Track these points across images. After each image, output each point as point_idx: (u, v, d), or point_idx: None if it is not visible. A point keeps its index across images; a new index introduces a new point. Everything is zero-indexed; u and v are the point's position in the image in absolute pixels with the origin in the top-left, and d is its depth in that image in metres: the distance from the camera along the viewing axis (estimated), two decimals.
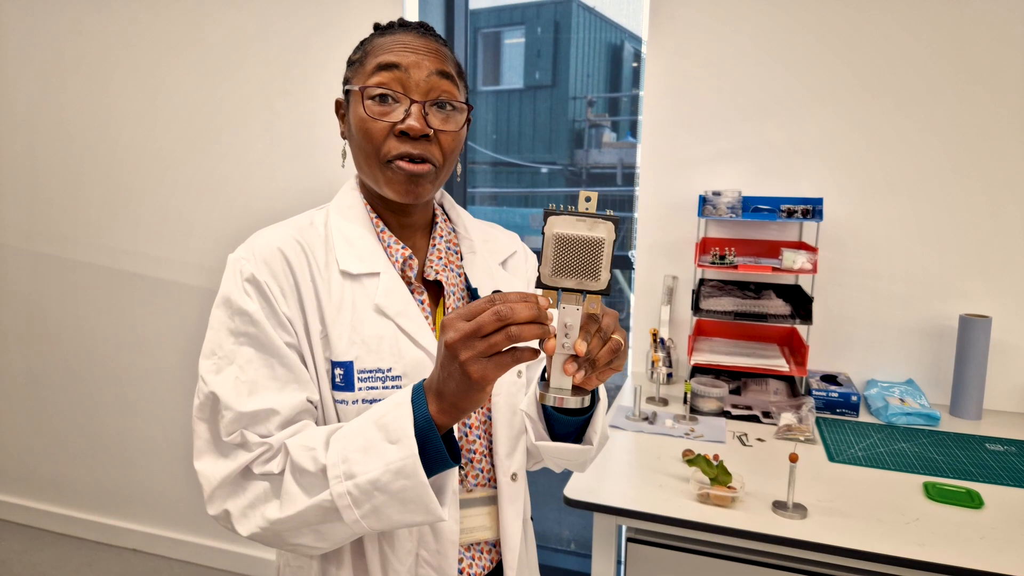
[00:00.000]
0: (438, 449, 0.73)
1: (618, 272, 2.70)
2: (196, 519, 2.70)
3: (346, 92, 0.92)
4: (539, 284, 0.68)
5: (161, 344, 2.64)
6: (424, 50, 0.87)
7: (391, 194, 0.88)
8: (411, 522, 0.75)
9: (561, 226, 0.66)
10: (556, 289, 0.68)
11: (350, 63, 0.93)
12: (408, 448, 0.71)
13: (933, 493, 1.33)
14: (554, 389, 0.72)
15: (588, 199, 0.67)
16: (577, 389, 0.73)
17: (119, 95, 2.54)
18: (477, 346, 0.65)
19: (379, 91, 0.86)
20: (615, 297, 2.79)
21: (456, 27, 2.53)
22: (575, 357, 0.69)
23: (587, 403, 0.74)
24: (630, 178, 2.75)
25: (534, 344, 0.69)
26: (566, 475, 1.32)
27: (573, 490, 1.34)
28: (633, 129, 2.89)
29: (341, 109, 0.95)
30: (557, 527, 2.74)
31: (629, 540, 1.35)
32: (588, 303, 0.68)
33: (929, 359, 1.89)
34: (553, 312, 0.68)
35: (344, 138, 0.94)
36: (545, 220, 0.67)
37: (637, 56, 2.86)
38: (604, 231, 0.66)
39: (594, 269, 0.66)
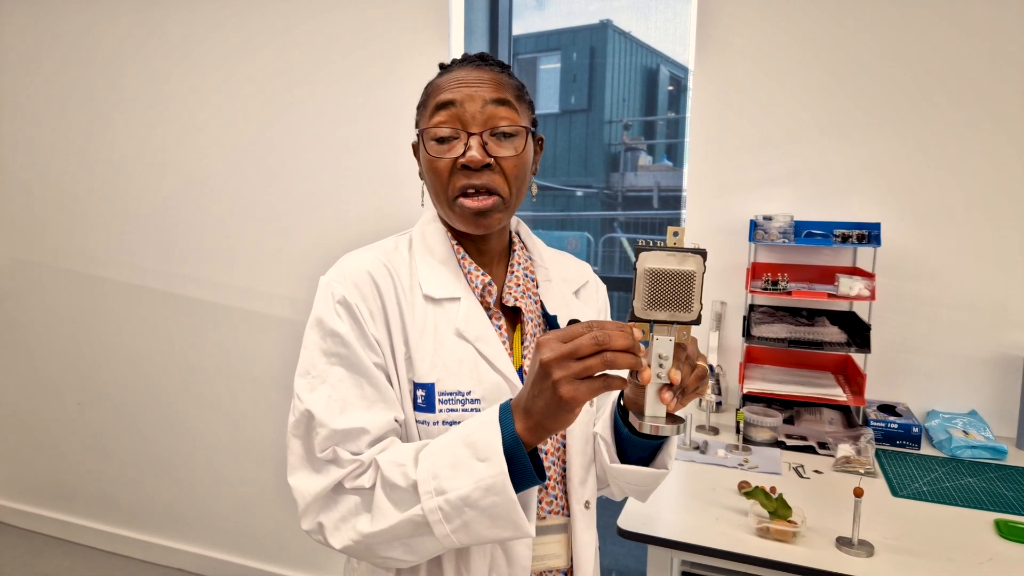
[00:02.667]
0: (525, 467, 0.75)
1: None
2: (240, 540, 2.71)
3: (417, 136, 0.94)
4: (633, 317, 0.70)
5: (210, 368, 2.68)
6: (478, 82, 0.89)
7: (462, 227, 0.91)
8: (499, 537, 0.77)
9: (652, 261, 0.69)
10: (649, 322, 0.70)
11: (418, 107, 0.96)
12: (498, 465, 0.73)
13: (1006, 531, 1.27)
14: (650, 418, 0.74)
15: (676, 233, 0.69)
16: (671, 417, 0.75)
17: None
18: (572, 367, 0.67)
19: (439, 131, 0.88)
20: None
21: (500, 53, 2.56)
22: (669, 386, 0.72)
23: (682, 431, 0.76)
24: (666, 201, 2.73)
25: (623, 374, 0.72)
26: (611, 505, 1.29)
27: (627, 521, 1.31)
28: (669, 152, 2.87)
29: (417, 152, 0.97)
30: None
31: (684, 574, 1.31)
32: (679, 332, 0.71)
33: (993, 390, 1.82)
34: (643, 344, 0.70)
35: (421, 178, 0.97)
36: (636, 256, 0.69)
37: (673, 79, 2.86)
38: (694, 264, 0.69)
39: (686, 301, 0.69)
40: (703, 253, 0.68)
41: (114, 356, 2.84)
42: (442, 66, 0.96)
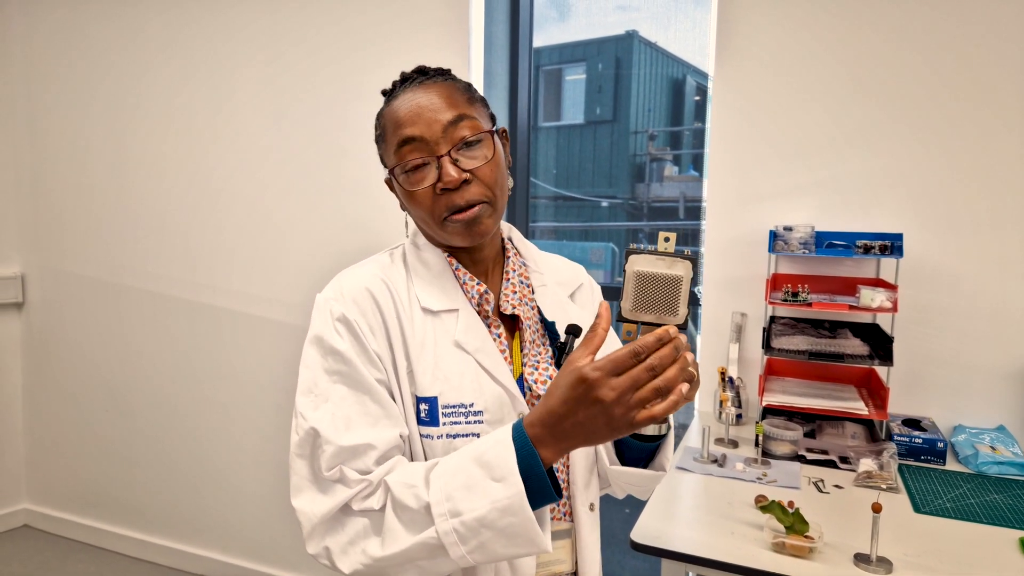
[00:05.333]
0: (542, 487, 0.74)
1: None
2: (262, 548, 2.74)
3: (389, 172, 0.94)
4: (620, 318, 0.72)
5: (233, 377, 2.73)
6: (430, 104, 0.87)
7: (458, 243, 0.91)
8: (516, 554, 0.76)
9: (642, 264, 0.71)
10: (636, 323, 0.73)
11: (376, 141, 0.95)
12: (515, 486, 0.72)
13: None
14: None
15: (667, 239, 0.72)
16: None
17: (205, 138, 2.68)
18: (631, 400, 0.68)
19: (409, 164, 0.87)
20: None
21: (520, 66, 2.57)
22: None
23: (665, 430, 0.78)
24: (692, 212, 2.72)
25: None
26: (622, 515, 1.29)
27: (640, 534, 1.30)
28: (695, 162, 2.85)
29: (391, 186, 0.96)
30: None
31: None
32: None
33: (1022, 404, 1.77)
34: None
35: (403, 209, 0.96)
36: (626, 258, 0.72)
37: (700, 90, 2.84)
38: (682, 269, 0.71)
39: (673, 304, 0.71)
40: (692, 259, 0.71)
41: (140, 364, 2.90)
42: (386, 92, 0.96)
